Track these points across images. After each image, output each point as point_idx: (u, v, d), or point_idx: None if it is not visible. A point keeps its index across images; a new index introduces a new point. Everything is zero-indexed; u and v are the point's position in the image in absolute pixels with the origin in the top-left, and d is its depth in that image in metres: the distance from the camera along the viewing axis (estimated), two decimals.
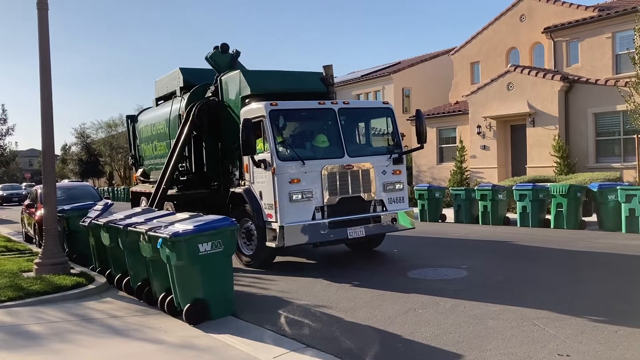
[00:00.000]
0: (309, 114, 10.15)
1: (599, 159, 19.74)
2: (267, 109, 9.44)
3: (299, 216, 9.27)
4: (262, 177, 9.66)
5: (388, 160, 10.16)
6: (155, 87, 15.05)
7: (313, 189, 9.38)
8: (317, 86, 10.85)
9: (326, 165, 9.49)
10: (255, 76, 10.77)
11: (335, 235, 9.51)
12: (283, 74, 11.30)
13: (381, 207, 10.00)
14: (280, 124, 9.75)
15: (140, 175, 15.43)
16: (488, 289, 7.86)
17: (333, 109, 9.91)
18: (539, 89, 20.56)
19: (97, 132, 58.56)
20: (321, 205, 9.43)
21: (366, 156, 10.03)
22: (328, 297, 7.76)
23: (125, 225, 7.80)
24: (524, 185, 15.35)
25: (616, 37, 20.42)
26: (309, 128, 10.42)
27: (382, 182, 10.01)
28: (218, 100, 11.49)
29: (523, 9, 23.92)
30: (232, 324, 6.61)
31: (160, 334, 6.34)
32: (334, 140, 9.88)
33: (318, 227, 9.35)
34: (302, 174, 9.33)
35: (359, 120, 10.77)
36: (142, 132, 15.39)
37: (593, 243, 11.36)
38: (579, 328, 5.81)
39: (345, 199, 9.62)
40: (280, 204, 9.22)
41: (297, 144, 9.80)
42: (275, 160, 9.28)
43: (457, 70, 27.28)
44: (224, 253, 6.75)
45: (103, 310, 7.52)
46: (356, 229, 9.66)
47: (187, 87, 12.62)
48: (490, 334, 5.78)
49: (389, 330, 6.13)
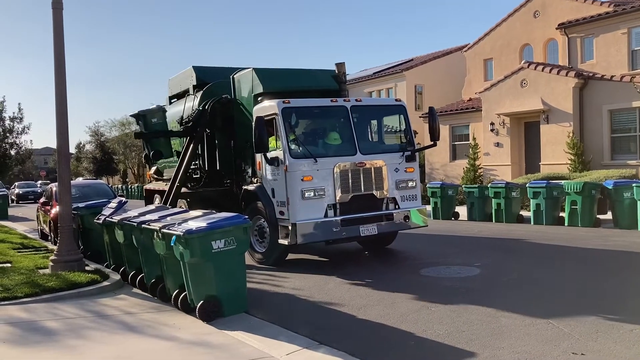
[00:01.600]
0: (321, 111, 10.15)
1: (614, 156, 19.53)
2: (279, 107, 9.45)
3: (311, 213, 9.27)
4: (274, 174, 9.68)
5: (401, 157, 10.12)
6: (168, 85, 15.10)
7: (325, 187, 9.38)
8: (329, 84, 10.85)
9: (338, 163, 9.48)
10: (268, 74, 10.76)
11: (347, 233, 9.49)
12: (295, 72, 11.31)
13: (394, 205, 9.98)
14: (293, 122, 9.73)
15: (153, 173, 15.50)
16: (501, 287, 7.82)
17: (345, 107, 9.89)
18: (553, 86, 20.37)
19: (110, 131, 58.99)
20: (333, 202, 9.43)
21: (379, 154, 10.01)
22: (340, 294, 7.76)
23: (139, 223, 7.86)
24: (538, 182, 15.22)
25: (632, 33, 20.14)
26: (322, 125, 10.43)
27: (394, 180, 9.98)
28: (231, 98, 11.52)
29: (537, 5, 23.69)
30: (244, 321, 6.63)
31: (173, 330, 6.38)
32: (346, 138, 9.87)
33: (330, 225, 9.34)
34: (314, 172, 9.33)
35: (372, 117, 10.76)
36: None
37: (608, 241, 11.25)
38: (593, 327, 5.76)
39: (358, 196, 9.60)
40: (292, 202, 9.23)
41: (309, 142, 9.80)
42: (288, 158, 9.29)
43: (470, 67, 27.11)
44: (237, 250, 6.78)
45: (117, 306, 7.58)
46: (368, 226, 9.64)
47: (200, 85, 12.63)
48: (504, 332, 5.75)
49: (401, 328, 6.12)
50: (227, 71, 12.09)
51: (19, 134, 32.47)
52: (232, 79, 11.49)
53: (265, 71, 10.86)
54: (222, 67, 13.05)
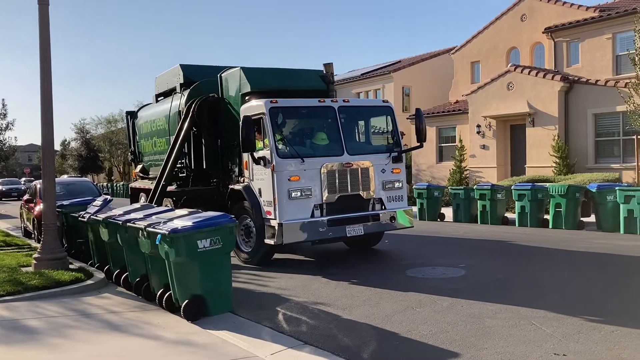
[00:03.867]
0: (308, 111, 10.16)
1: (598, 160, 19.76)
2: (267, 106, 9.43)
3: (297, 214, 9.27)
4: (261, 174, 9.65)
5: (387, 158, 10.16)
6: (155, 83, 15.00)
7: (312, 187, 9.38)
8: (317, 84, 10.87)
9: (325, 163, 9.48)
10: (256, 73, 10.73)
11: (333, 233, 9.51)
12: (283, 72, 11.29)
13: (380, 206, 10.01)
14: (280, 121, 9.73)
15: (139, 171, 15.39)
16: (486, 288, 7.87)
17: (333, 107, 9.90)
18: (539, 89, 20.56)
19: (96, 128, 58.61)
20: (320, 203, 9.44)
21: (366, 154, 10.03)
22: (326, 294, 7.77)
23: (124, 221, 7.81)
24: (523, 185, 15.37)
25: (616, 38, 20.40)
26: (309, 126, 10.43)
27: (381, 181, 10.01)
28: (218, 97, 11.48)
29: (524, 8, 23.90)
30: (230, 320, 6.62)
31: (158, 329, 6.34)
32: (334, 138, 9.87)
33: (317, 225, 9.35)
34: (301, 172, 9.33)
35: (359, 118, 10.76)
36: (142, 128, 15.31)
37: (591, 243, 11.37)
38: (575, 328, 5.83)
39: (344, 197, 9.62)
40: (279, 201, 9.22)
41: (296, 142, 9.81)
42: (275, 158, 9.27)
43: (458, 70, 27.27)
44: (223, 250, 6.76)
45: (101, 305, 7.52)
46: (355, 227, 9.66)
47: (187, 83, 12.55)
48: (487, 333, 5.80)
49: (386, 328, 6.15)
50: (214, 70, 12.05)
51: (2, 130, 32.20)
52: (220, 78, 11.45)
53: (253, 70, 10.83)
54: (209, 66, 13.00)
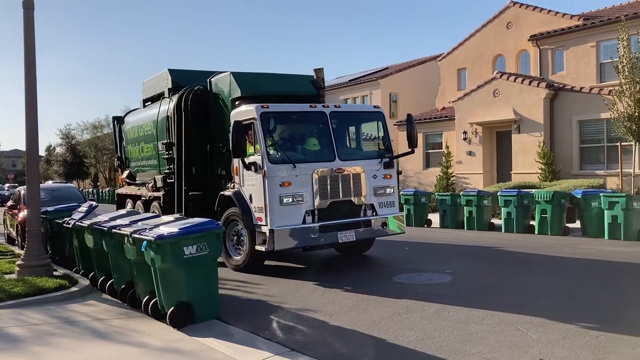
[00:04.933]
0: (300, 116, 10.07)
1: (583, 166, 19.96)
2: (258, 111, 9.34)
3: (289, 220, 9.17)
4: (252, 180, 9.54)
5: (379, 164, 10.11)
6: (142, 88, 14.84)
7: (304, 193, 9.28)
8: (308, 89, 10.80)
9: (317, 169, 9.40)
10: (246, 78, 10.62)
11: (325, 240, 9.43)
12: (273, 77, 11.16)
13: (371, 212, 9.95)
14: (271, 127, 9.62)
15: (126, 177, 15.18)
16: (472, 294, 7.90)
17: (324, 112, 9.84)
18: (524, 96, 20.75)
19: (82, 134, 58.18)
20: (312, 209, 9.34)
21: (357, 160, 9.97)
22: (314, 301, 7.75)
23: (109, 228, 7.74)
24: (509, 191, 15.47)
25: (600, 46, 20.67)
26: (300, 131, 10.33)
27: (372, 187, 9.94)
28: (206, 89, 11.25)
29: (510, 16, 24.15)
30: (216, 327, 6.58)
31: (143, 337, 6.29)
32: (325, 144, 9.79)
33: (308, 231, 9.25)
34: (292, 177, 9.22)
35: (350, 124, 10.70)
36: (129, 134, 15.11)
37: (576, 249, 11.47)
38: (561, 333, 5.86)
39: (336, 202, 9.55)
40: (270, 207, 9.12)
41: (288, 147, 9.70)
42: (266, 163, 9.17)
43: (444, 77, 27.45)
44: (209, 256, 6.72)
45: (86, 312, 7.44)
46: (347, 233, 9.60)
47: (176, 88, 12.35)
48: (474, 339, 5.81)
49: (373, 335, 6.14)
50: (203, 75, 11.97)
51: None
52: (209, 82, 11.33)
53: (243, 75, 10.72)
54: (198, 71, 12.89)
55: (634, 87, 15.93)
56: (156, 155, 13.08)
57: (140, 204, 13.65)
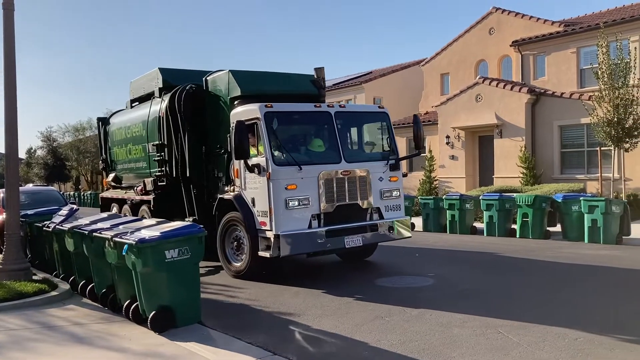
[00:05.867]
0: (304, 117, 9.74)
1: (564, 170, 20.20)
2: (262, 111, 8.97)
3: (295, 224, 8.80)
4: (255, 182, 9.14)
5: (385, 166, 9.81)
6: (130, 88, 14.28)
7: (310, 196, 8.92)
8: (308, 88, 10.43)
9: (323, 171, 9.04)
10: (246, 76, 10.25)
11: (332, 245, 9.06)
12: (273, 75, 10.79)
13: (377, 216, 9.62)
14: (275, 127, 9.18)
15: (111, 180, 14.70)
16: (454, 297, 7.96)
17: (329, 112, 9.52)
18: (506, 101, 20.96)
19: (64, 136, 57.42)
20: (317, 212, 8.98)
21: (363, 162, 9.66)
22: (296, 304, 7.75)
23: (90, 231, 7.66)
24: (491, 195, 15.60)
25: (581, 52, 20.97)
26: (305, 132, 9.97)
27: (379, 189, 9.64)
28: (200, 87, 10.92)
29: (492, 22, 24.41)
30: (198, 331, 6.54)
31: (124, 341, 6.23)
32: (330, 145, 9.48)
33: (315, 236, 8.89)
34: (298, 180, 8.85)
35: (355, 124, 10.37)
36: (115, 135, 14.60)
37: (557, 253, 11.60)
38: (541, 336, 5.93)
39: (342, 206, 9.20)
40: (275, 212, 8.72)
41: (292, 148, 9.30)
42: (271, 165, 8.78)
43: (427, 81, 27.64)
44: (191, 260, 6.68)
45: (66, 317, 7.35)
46: (353, 237, 9.25)
47: (167, 88, 11.90)
48: (455, 342, 5.85)
49: (355, 338, 6.15)
50: (195, 74, 11.68)
51: None
52: (205, 81, 10.93)
53: (242, 73, 10.34)
54: (189, 70, 12.53)
55: (612, 93, 16.17)
56: (145, 157, 12.65)
57: (127, 208, 13.28)
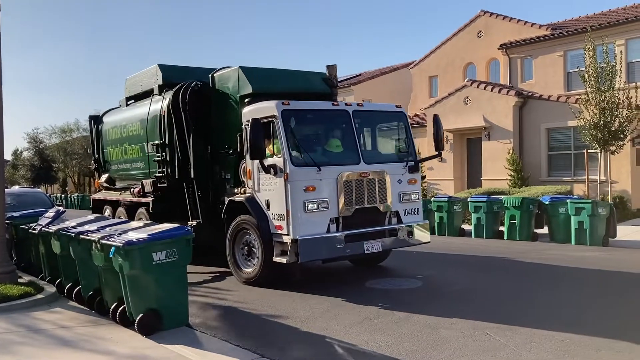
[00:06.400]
0: (322, 115, 9.32)
1: (551, 173, 20.35)
2: (279, 109, 8.56)
3: (313, 229, 8.37)
4: (270, 184, 8.72)
5: (404, 168, 9.46)
6: (125, 85, 13.69)
7: (328, 198, 8.51)
8: (320, 87, 10.19)
9: (342, 173, 8.65)
10: (257, 73, 9.90)
11: (351, 250, 8.66)
12: (284, 73, 10.46)
13: (396, 219, 9.25)
14: (293, 126, 8.77)
15: (105, 181, 14.12)
16: (442, 298, 7.99)
17: (347, 111, 9.16)
18: (494, 104, 21.09)
19: (50, 138, 56.95)
20: (336, 216, 8.56)
21: (382, 163, 9.31)
22: (285, 306, 7.73)
23: (77, 233, 7.60)
24: (479, 197, 15.68)
25: (568, 56, 21.17)
26: (322, 131, 9.61)
27: (397, 192, 9.25)
28: (207, 84, 10.56)
29: (480, 25, 24.56)
30: (185, 334, 6.50)
31: (111, 344, 6.18)
32: (349, 145, 9.11)
33: (334, 241, 8.47)
34: (317, 182, 8.43)
35: (373, 124, 9.97)
36: (109, 134, 13.96)
37: (544, 254, 11.67)
38: (528, 337, 5.96)
39: (361, 209, 8.80)
40: (293, 215, 8.29)
41: (310, 148, 8.85)
42: (289, 166, 8.34)
43: (416, 84, 27.74)
44: (179, 262, 6.64)
45: (51, 320, 7.28)
46: (372, 243, 8.85)
47: (167, 85, 11.45)
48: (443, 343, 5.87)
49: (344, 340, 6.15)
50: (195, 71, 11.46)
51: None
52: (212, 78, 10.52)
53: (253, 70, 9.99)
54: (190, 67, 12.17)
55: (599, 96, 16.33)
56: (144, 157, 12.13)
57: (123, 210, 12.81)
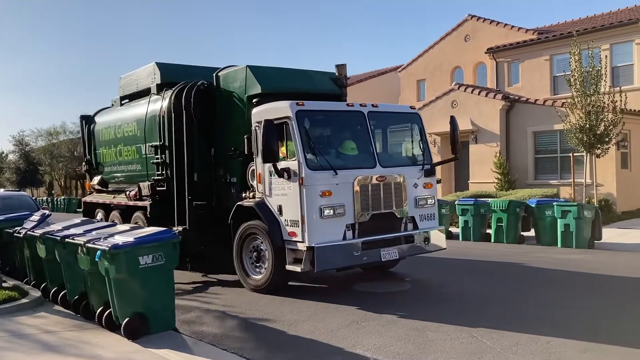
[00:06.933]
0: (336, 116, 8.99)
1: (538, 176, 20.51)
2: (293, 109, 8.19)
3: (329, 235, 8.03)
4: (283, 188, 8.35)
5: (420, 172, 9.15)
6: (119, 84, 13.28)
7: (345, 204, 8.19)
8: (330, 87, 9.93)
9: (358, 177, 8.33)
10: (265, 73, 9.59)
11: (368, 258, 8.34)
12: (293, 73, 10.15)
13: (412, 225, 8.94)
14: (307, 127, 8.43)
15: (97, 183, 13.69)
16: (429, 301, 8.01)
17: (362, 112, 8.80)
18: (481, 108, 21.22)
19: (37, 140, 56.45)
20: (352, 222, 8.23)
21: (399, 167, 9.00)
22: (272, 310, 7.72)
23: (62, 237, 7.53)
24: (466, 200, 15.76)
25: (554, 60, 21.39)
26: (337, 133, 9.24)
27: (414, 197, 8.94)
28: (212, 84, 10.23)
29: (467, 29, 24.75)
30: (172, 338, 6.47)
31: (96, 349, 6.13)
32: (364, 148, 8.79)
33: (351, 248, 8.15)
34: (333, 186, 8.10)
35: (387, 125, 9.68)
36: (102, 135, 13.49)
37: (530, 257, 11.75)
38: (514, 339, 5.99)
39: (377, 215, 8.47)
40: (309, 221, 7.93)
41: (325, 151, 8.47)
42: (304, 169, 7.99)
43: (404, 87, 27.86)
44: (165, 266, 6.61)
45: (36, 325, 7.21)
46: (389, 250, 8.52)
47: (166, 84, 11.13)
48: (430, 346, 5.89)
49: (331, 343, 6.15)
50: (195, 70, 11.28)
51: None
52: (216, 77, 10.18)
53: (261, 69, 9.66)
54: (189, 66, 11.89)
55: (584, 100, 16.48)
56: (141, 159, 11.73)
57: (117, 214, 12.40)
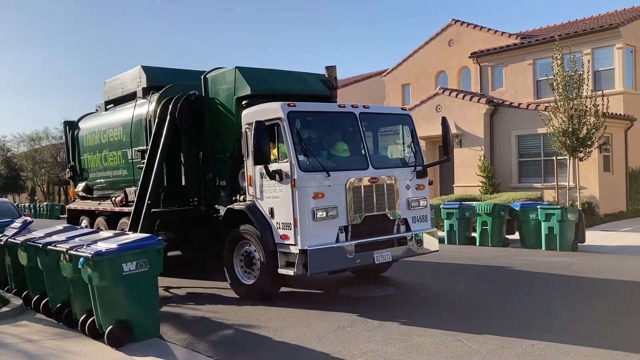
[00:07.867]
0: (328, 118, 8.93)
1: (522, 179, 20.65)
2: (284, 110, 8.09)
3: (322, 238, 7.93)
4: (274, 190, 8.24)
5: (412, 173, 9.09)
6: (104, 88, 13.21)
7: (338, 206, 8.10)
8: (320, 88, 9.94)
9: (351, 178, 8.26)
10: (255, 74, 9.52)
11: (361, 261, 8.23)
12: (283, 74, 10.09)
13: (405, 227, 8.86)
14: (299, 129, 8.35)
15: (82, 190, 13.50)
16: (415, 305, 8.02)
17: (354, 113, 8.77)
18: (465, 112, 21.35)
19: (18, 146, 55.80)
20: (345, 224, 8.13)
21: (391, 168, 8.95)
22: (257, 316, 7.67)
23: (44, 244, 7.43)
24: (451, 203, 15.82)
25: (537, 64, 21.60)
26: (329, 134, 9.19)
27: (406, 199, 8.88)
28: (202, 95, 10.14)
29: (452, 34, 24.92)
30: (156, 345, 6.41)
31: (79, 358, 6.05)
32: (356, 149, 8.74)
33: (344, 251, 8.03)
34: (325, 188, 8.01)
35: (379, 127, 9.66)
36: (87, 141, 13.41)
37: (515, 260, 11.82)
38: (499, 343, 6.01)
39: (370, 217, 8.40)
40: (301, 223, 7.83)
41: (317, 153, 8.39)
42: (297, 171, 7.88)
43: (389, 92, 27.95)
44: (150, 273, 6.56)
45: (17, 334, 7.10)
46: (382, 252, 8.42)
47: (153, 88, 11.11)
48: (416, 350, 5.88)
49: (317, 349, 6.12)
50: (181, 73, 11.23)
51: None
52: (205, 79, 10.08)
53: (250, 70, 9.60)
54: (175, 69, 11.88)
55: (567, 103, 16.65)
56: (127, 164, 11.67)
57: (102, 220, 12.30)
